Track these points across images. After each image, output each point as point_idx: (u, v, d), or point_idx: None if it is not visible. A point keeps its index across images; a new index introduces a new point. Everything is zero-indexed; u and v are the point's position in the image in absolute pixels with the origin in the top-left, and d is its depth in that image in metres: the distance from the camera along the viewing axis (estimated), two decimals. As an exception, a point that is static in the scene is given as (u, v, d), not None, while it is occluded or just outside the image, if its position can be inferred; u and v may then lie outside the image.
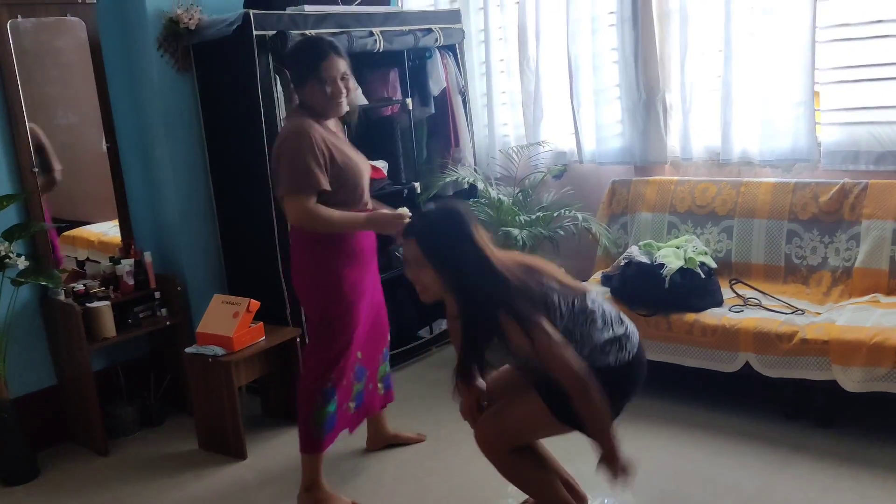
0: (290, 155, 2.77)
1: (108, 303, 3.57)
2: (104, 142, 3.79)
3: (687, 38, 3.96)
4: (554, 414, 2.36)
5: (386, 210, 2.92)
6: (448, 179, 4.30)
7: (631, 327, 2.47)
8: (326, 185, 2.79)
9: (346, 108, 2.92)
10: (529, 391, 2.42)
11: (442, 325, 4.55)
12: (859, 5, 3.52)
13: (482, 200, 4.26)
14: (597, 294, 2.48)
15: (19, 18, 3.45)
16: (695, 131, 4.06)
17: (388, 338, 3.29)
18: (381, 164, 4.30)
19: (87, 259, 3.89)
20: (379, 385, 3.29)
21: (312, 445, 3.00)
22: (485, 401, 2.57)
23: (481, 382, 2.58)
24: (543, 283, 2.34)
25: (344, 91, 2.85)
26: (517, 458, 2.48)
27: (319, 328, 2.97)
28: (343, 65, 2.85)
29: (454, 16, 4.54)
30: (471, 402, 2.57)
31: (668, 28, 4.04)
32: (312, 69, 2.81)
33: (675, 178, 4.12)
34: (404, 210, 2.81)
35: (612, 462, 2.28)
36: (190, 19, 3.72)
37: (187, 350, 3.48)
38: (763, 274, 3.74)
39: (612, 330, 2.40)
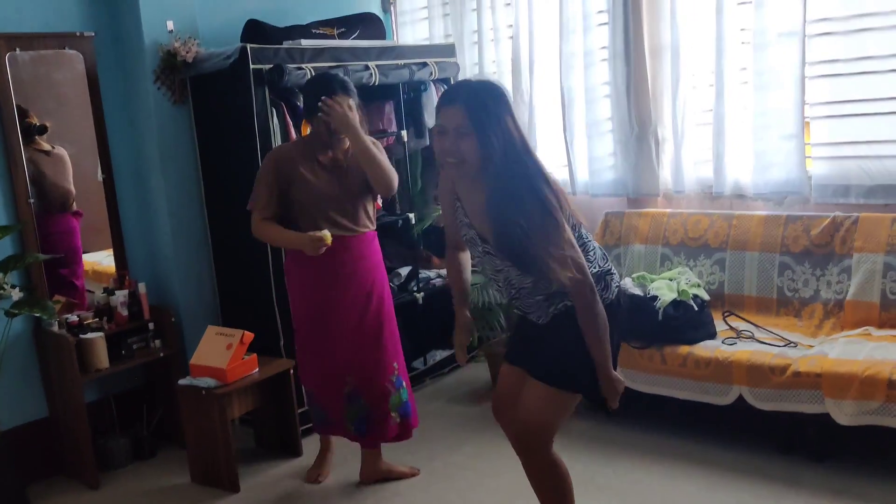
0: (257, 174, 3.18)
1: (101, 334, 3.56)
2: (100, 172, 3.81)
3: (678, 73, 4.01)
4: (555, 387, 2.37)
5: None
6: (442, 211, 4.32)
7: (615, 267, 2.50)
8: (269, 208, 3.10)
9: (346, 143, 3.14)
10: (529, 382, 2.43)
11: (437, 356, 4.54)
12: (847, 42, 3.58)
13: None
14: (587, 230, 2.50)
15: (17, 51, 3.48)
16: (687, 164, 4.10)
17: (396, 366, 3.30)
18: (376, 196, 4.33)
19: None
20: (393, 414, 3.28)
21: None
22: (469, 338, 2.69)
23: (468, 317, 2.69)
24: (562, 191, 2.34)
25: None
26: (555, 469, 2.46)
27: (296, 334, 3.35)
28: (348, 103, 3.05)
29: (449, 50, 4.59)
30: (462, 340, 2.67)
31: (660, 63, 4.09)
32: (318, 103, 3.04)
33: (668, 210, 4.15)
34: (325, 233, 2.98)
35: (608, 380, 2.36)
36: (187, 52, 3.76)
37: (180, 382, 3.47)
38: (755, 306, 3.76)
39: (599, 265, 2.41)
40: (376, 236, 3.29)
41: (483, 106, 2.23)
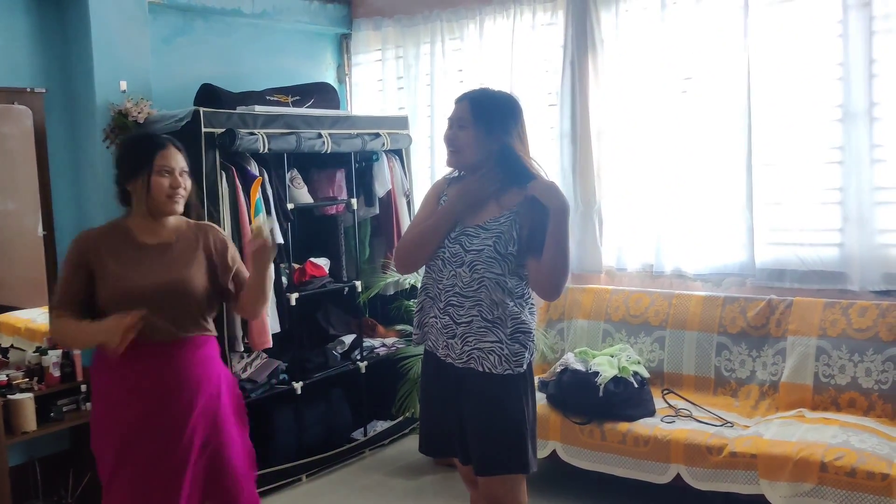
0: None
1: (30, 395, 3.44)
2: (41, 228, 3.74)
3: (623, 156, 4.14)
4: (505, 474, 2.41)
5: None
6: (389, 280, 4.34)
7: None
8: (65, 304, 2.40)
9: (175, 221, 2.55)
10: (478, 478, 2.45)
11: (377, 426, 4.48)
12: (783, 132, 3.75)
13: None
14: None
15: (-36, 104, 3.45)
16: (629, 243, 4.20)
17: (243, 493, 2.54)
18: (323, 262, 4.32)
19: (11, 346, 3.76)
20: None
21: None
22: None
23: None
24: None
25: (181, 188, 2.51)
26: None
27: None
28: (182, 168, 2.51)
29: (402, 122, 4.67)
30: None
31: (605, 145, 4.22)
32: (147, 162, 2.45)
33: (611, 287, 4.23)
34: (132, 316, 2.25)
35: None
36: (139, 113, 3.76)
37: (111, 447, 3.35)
38: (694, 385, 3.81)
39: (534, 320, 2.50)
40: (213, 342, 2.56)
41: (488, 108, 2.43)
